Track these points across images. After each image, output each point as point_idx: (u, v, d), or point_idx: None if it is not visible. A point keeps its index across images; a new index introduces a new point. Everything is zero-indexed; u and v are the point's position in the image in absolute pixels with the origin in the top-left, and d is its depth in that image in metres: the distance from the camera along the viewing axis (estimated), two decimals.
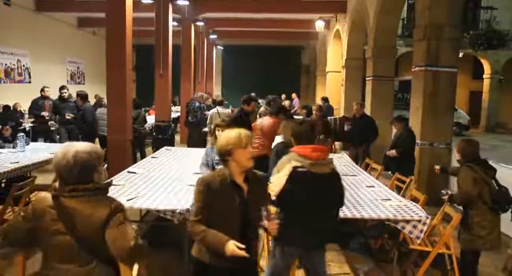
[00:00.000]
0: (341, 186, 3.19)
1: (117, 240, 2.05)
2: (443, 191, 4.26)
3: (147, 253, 2.68)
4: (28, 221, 2.18)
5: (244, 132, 2.60)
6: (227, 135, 2.56)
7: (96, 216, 2.05)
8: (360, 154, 7.75)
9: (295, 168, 3.02)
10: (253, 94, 9.96)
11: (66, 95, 9.47)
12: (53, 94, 9.95)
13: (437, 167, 5.11)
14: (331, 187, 3.11)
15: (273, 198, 3.00)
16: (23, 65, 13.93)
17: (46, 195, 2.15)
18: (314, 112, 8.23)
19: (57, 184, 2.15)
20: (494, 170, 4.06)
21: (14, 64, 13.45)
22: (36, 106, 9.76)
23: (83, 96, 8.99)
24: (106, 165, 7.27)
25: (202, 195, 2.52)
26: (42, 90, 10.02)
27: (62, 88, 9.52)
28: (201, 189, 2.52)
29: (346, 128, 8.32)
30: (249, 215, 2.58)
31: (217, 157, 4.27)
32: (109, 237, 2.05)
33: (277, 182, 3.04)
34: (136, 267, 2.41)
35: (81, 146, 2.16)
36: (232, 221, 2.53)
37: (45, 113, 9.63)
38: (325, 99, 13.48)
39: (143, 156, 8.91)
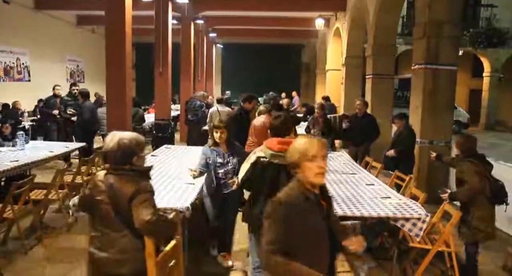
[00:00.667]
0: None
1: (138, 214, 2.45)
2: (440, 190, 4.30)
3: (170, 230, 2.84)
4: (88, 191, 2.68)
5: (316, 141, 2.21)
6: (296, 144, 2.21)
7: (124, 191, 2.50)
8: (360, 153, 7.66)
9: (258, 158, 3.35)
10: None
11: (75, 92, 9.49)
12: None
13: (434, 154, 5.28)
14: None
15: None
16: (23, 64, 13.91)
17: (101, 172, 2.66)
18: (316, 110, 8.20)
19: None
20: (492, 166, 4.20)
21: (13, 63, 13.43)
22: (48, 105, 9.77)
23: (83, 94, 8.97)
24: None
25: (284, 221, 2.09)
26: (53, 88, 9.96)
27: (73, 84, 9.54)
28: (282, 214, 2.11)
29: (344, 126, 8.08)
30: (335, 235, 2.28)
31: (219, 160, 4.25)
32: (134, 211, 2.46)
33: (242, 169, 3.46)
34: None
35: (125, 134, 2.64)
36: (321, 244, 2.18)
37: (56, 112, 9.59)
38: (326, 98, 13.46)
39: None
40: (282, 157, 3.17)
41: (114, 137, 2.60)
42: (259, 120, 6.25)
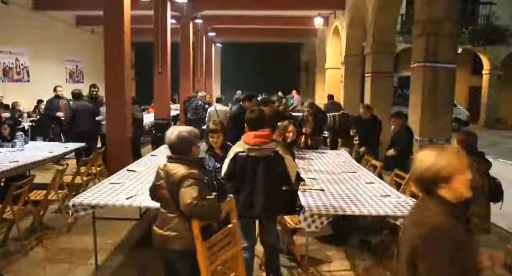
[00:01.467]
0: (283, 165, 3.59)
1: (182, 196, 2.77)
2: None
3: (215, 212, 2.97)
4: (155, 180, 3.07)
5: (457, 151, 2.02)
6: (447, 156, 1.89)
7: (175, 176, 2.85)
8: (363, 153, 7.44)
9: (237, 153, 3.59)
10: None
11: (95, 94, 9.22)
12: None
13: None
14: (271, 168, 3.56)
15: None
16: (22, 64, 13.90)
17: (163, 162, 3.05)
18: (306, 109, 8.13)
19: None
20: (490, 163, 4.20)
21: (12, 63, 13.42)
22: (51, 106, 9.54)
23: (74, 95, 8.69)
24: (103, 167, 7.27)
25: (454, 254, 1.71)
26: (54, 89, 9.74)
27: (92, 86, 9.35)
28: (450, 246, 1.72)
29: (352, 133, 8.06)
30: None
31: (218, 165, 4.09)
32: (180, 196, 2.79)
33: (224, 165, 3.67)
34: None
35: (183, 127, 3.09)
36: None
37: (60, 114, 9.35)
38: (330, 97, 13.36)
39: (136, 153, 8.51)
40: (258, 150, 3.56)
41: (175, 131, 3.01)
42: None
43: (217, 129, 4.12)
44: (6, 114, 9.14)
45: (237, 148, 3.63)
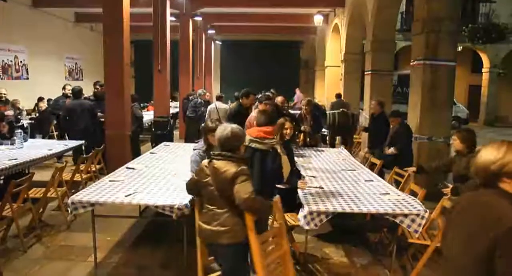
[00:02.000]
0: (278, 163, 3.84)
1: (238, 192, 2.88)
2: (441, 184, 4.28)
3: (267, 207, 3.17)
4: (196, 176, 3.20)
5: None
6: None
7: (226, 173, 2.93)
8: (377, 154, 6.93)
9: None
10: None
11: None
12: (56, 92, 9.77)
13: (410, 169, 5.27)
14: (266, 161, 3.79)
15: None
16: (21, 62, 13.87)
17: (206, 160, 3.13)
18: (303, 107, 8.10)
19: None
20: None
21: (11, 61, 13.39)
22: (56, 105, 9.46)
23: (73, 93, 8.45)
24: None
25: None
26: (63, 88, 9.63)
27: (95, 83, 9.25)
28: None
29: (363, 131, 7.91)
30: None
31: None
32: (235, 190, 2.89)
33: None
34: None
35: (234, 125, 3.17)
36: None
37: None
38: (338, 95, 13.28)
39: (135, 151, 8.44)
40: (259, 143, 3.84)
41: (227, 127, 3.11)
42: (252, 116, 6.17)
43: (216, 127, 4.10)
44: (10, 112, 9.07)
45: None
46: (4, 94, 9.41)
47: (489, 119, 21.59)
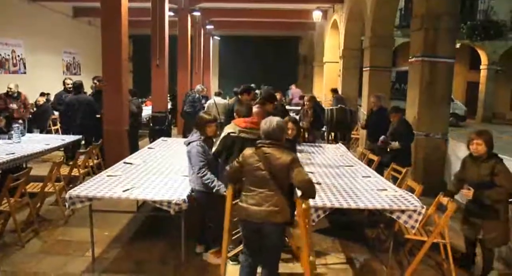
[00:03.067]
0: None
1: (298, 175, 3.20)
2: (465, 189, 4.06)
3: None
4: (239, 164, 3.43)
5: None
6: None
7: (283, 159, 3.24)
8: (377, 150, 6.74)
9: (229, 133, 4.27)
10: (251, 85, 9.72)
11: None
12: (53, 86, 9.66)
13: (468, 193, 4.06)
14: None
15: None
16: (18, 56, 13.81)
17: (250, 149, 3.43)
18: (306, 102, 8.09)
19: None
20: None
21: (8, 55, 13.33)
22: (59, 101, 9.32)
23: (74, 87, 8.50)
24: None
25: None
26: (63, 82, 9.54)
27: (93, 78, 9.09)
28: None
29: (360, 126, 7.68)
30: None
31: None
32: (295, 175, 3.20)
33: (217, 143, 4.35)
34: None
35: (278, 119, 3.45)
36: None
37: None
38: (334, 91, 13.29)
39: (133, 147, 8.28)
40: (248, 132, 4.22)
41: (272, 121, 3.38)
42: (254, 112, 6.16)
43: (213, 119, 4.37)
44: (14, 106, 9.01)
45: (229, 129, 4.31)
46: (10, 88, 9.23)
47: (487, 116, 21.63)
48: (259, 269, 3.55)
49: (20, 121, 8.81)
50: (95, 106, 8.21)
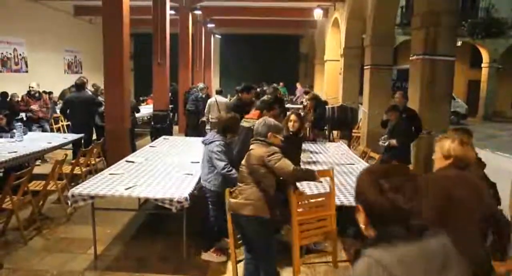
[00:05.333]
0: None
1: (282, 168, 3.31)
2: None
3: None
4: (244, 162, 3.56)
5: None
6: None
7: (257, 154, 3.36)
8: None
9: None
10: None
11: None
12: (55, 85, 9.71)
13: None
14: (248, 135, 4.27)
15: None
16: (20, 54, 13.84)
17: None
18: (307, 101, 8.08)
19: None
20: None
21: (10, 53, 13.36)
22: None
23: (75, 85, 8.49)
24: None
25: None
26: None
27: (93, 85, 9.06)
28: None
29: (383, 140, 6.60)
30: None
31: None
32: (272, 165, 3.31)
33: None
34: None
35: (272, 119, 3.67)
36: None
37: None
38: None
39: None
40: (246, 122, 4.73)
41: (264, 119, 3.63)
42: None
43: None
44: (34, 107, 8.91)
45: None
46: (31, 87, 9.09)
47: (488, 114, 21.61)
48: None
49: (25, 118, 8.83)
50: (95, 104, 8.22)
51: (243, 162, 3.48)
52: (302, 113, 8.00)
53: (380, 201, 1.21)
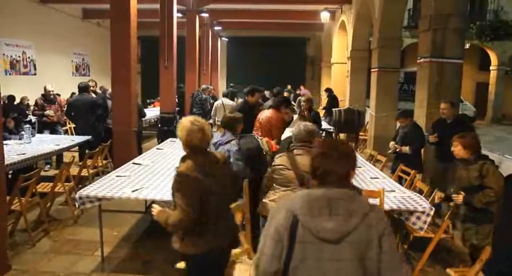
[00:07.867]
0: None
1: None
2: (452, 190, 4.02)
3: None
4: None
5: None
6: None
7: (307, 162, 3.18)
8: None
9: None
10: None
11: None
12: (63, 87, 9.72)
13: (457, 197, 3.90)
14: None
15: None
16: (28, 57, 13.96)
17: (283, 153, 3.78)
18: (302, 103, 8.03)
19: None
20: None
21: (19, 56, 13.48)
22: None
23: (78, 88, 8.51)
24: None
25: None
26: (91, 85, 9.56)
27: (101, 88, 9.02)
28: None
29: (431, 139, 5.94)
30: None
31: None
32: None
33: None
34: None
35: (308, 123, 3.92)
36: None
37: None
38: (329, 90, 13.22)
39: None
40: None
41: (305, 126, 3.71)
42: (264, 114, 6.09)
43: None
44: (49, 112, 8.71)
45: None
46: (49, 90, 8.94)
47: (496, 117, 21.44)
48: None
49: (34, 120, 8.84)
50: (99, 107, 8.26)
51: (285, 164, 3.56)
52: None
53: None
